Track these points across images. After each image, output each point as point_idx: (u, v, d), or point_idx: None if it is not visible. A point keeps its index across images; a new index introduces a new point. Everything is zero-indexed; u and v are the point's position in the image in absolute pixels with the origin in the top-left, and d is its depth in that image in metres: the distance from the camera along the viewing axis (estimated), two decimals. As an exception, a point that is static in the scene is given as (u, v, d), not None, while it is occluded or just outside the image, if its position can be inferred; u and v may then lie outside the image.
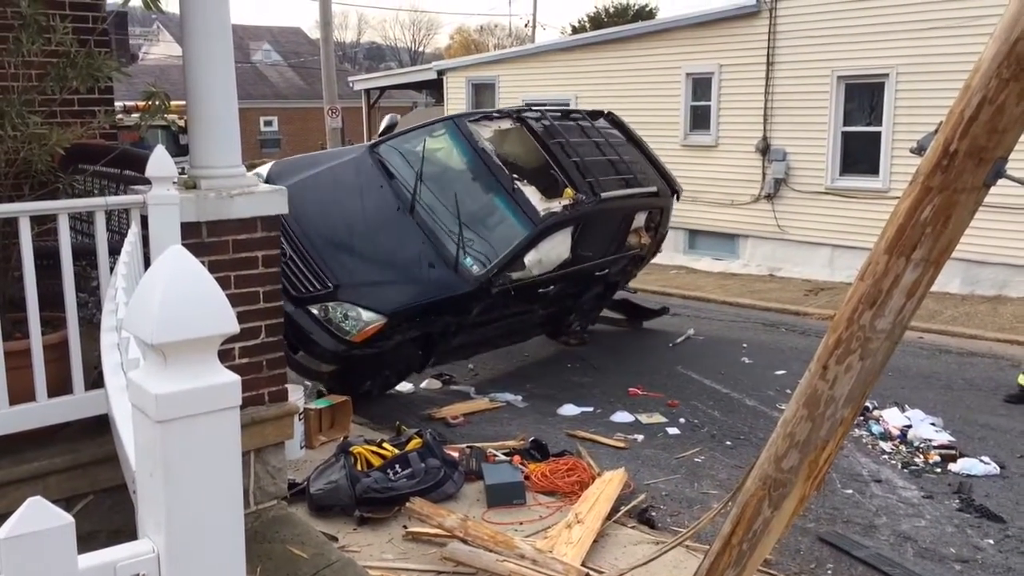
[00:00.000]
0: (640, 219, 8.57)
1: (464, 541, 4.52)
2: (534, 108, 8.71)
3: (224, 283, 3.67)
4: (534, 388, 7.74)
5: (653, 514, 5.21)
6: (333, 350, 6.51)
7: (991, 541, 4.91)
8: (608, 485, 5.24)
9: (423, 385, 7.81)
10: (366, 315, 6.42)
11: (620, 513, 5.05)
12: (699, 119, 14.47)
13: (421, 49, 69.24)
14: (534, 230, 6.87)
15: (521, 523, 4.97)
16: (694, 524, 3.67)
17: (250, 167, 17.01)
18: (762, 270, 13.71)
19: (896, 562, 4.59)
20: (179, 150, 15.48)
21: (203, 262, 3.85)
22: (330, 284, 6.52)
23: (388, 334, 6.51)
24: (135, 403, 1.18)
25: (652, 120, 14.89)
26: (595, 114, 8.96)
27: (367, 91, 20.76)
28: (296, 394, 6.07)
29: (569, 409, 7.10)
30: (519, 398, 7.42)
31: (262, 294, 3.78)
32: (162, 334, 1.12)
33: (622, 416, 6.92)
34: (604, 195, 7.40)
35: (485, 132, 7.47)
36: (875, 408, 6.95)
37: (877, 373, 3.08)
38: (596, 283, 8.50)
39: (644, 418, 6.90)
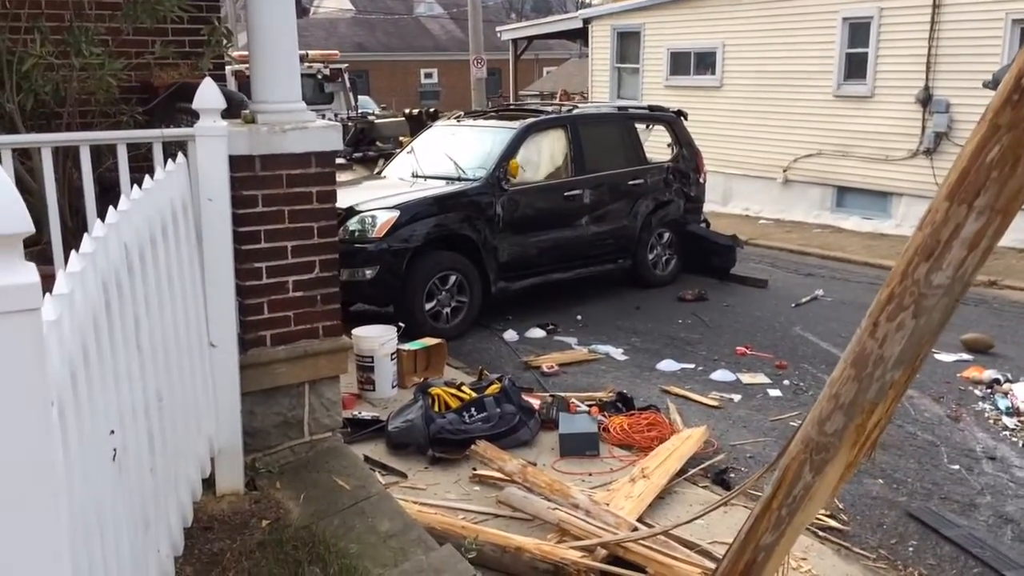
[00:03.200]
0: (645, 135, 9.74)
1: (527, 487, 4.49)
2: None
3: (278, 217, 3.76)
4: (638, 342, 7.57)
5: (732, 475, 5.00)
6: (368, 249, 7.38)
7: (1110, 532, 4.41)
8: (685, 442, 5.06)
9: (527, 334, 7.80)
10: (381, 215, 7.42)
11: (694, 471, 4.87)
12: (854, 67, 13.51)
13: (588, 1, 68.14)
14: (515, 133, 8.39)
15: (590, 474, 4.89)
16: (740, 485, 3.49)
17: (407, 117, 16.75)
18: (916, 231, 12.77)
19: (988, 544, 4.21)
20: (323, 98, 15.93)
21: (257, 195, 3.92)
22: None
23: (404, 225, 7.40)
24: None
25: (802, 69, 14.08)
26: None
27: (514, 41, 20.65)
28: (390, 334, 6.23)
29: (668, 365, 6.90)
30: (620, 351, 7.27)
31: (316, 229, 3.83)
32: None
33: (723, 375, 6.66)
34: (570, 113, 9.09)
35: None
36: (1006, 380, 6.36)
37: (935, 333, 2.78)
38: (635, 197, 9.20)
39: (746, 378, 6.61)
